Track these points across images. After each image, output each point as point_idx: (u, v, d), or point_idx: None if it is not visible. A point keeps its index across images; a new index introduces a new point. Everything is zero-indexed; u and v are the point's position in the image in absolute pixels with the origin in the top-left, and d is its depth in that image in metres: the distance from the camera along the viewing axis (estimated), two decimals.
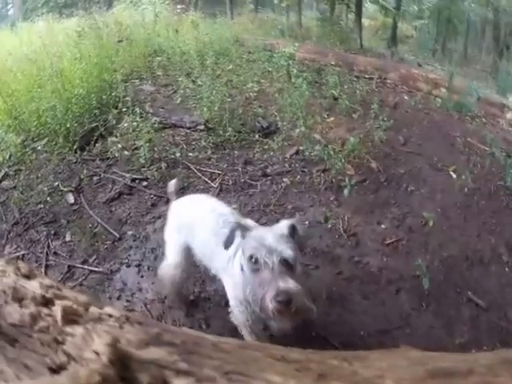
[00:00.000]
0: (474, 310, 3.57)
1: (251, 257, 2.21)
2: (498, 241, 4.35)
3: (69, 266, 3.88)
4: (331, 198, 4.60)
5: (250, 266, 2.22)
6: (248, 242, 2.31)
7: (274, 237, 2.27)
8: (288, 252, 2.18)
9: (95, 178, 5.03)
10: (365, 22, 14.55)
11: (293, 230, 2.34)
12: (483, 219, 4.68)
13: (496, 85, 11.64)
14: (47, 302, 1.12)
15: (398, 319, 3.37)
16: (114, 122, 5.77)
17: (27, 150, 5.45)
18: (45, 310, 1.09)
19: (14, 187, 4.95)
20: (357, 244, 4.02)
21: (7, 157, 5.40)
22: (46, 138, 5.52)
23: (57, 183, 4.94)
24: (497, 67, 15.21)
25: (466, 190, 4.99)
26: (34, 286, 1.19)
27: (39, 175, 5.04)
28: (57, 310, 1.09)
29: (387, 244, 4.11)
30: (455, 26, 19.01)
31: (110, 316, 1.11)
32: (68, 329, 1.03)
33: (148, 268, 3.77)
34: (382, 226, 4.34)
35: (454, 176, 5.29)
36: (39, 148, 5.49)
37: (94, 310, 1.13)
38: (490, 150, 5.96)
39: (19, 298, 1.13)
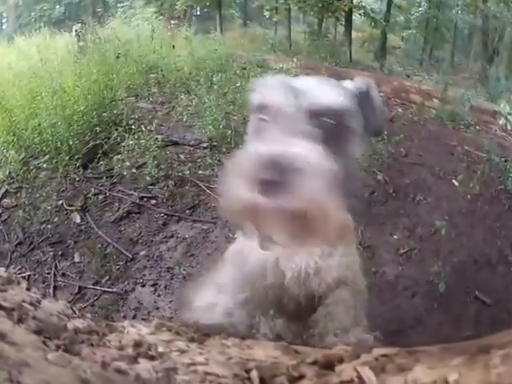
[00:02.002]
0: (480, 307, 3.70)
1: (259, 107, 1.39)
2: (504, 243, 4.47)
3: (79, 287, 3.85)
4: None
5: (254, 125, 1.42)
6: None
7: (314, 82, 1.39)
8: (337, 100, 1.32)
9: (101, 197, 4.96)
10: (352, 34, 14.66)
11: (366, 90, 1.50)
12: (488, 223, 4.79)
13: (486, 92, 11.76)
14: None
15: (412, 320, 3.45)
16: (119, 139, 5.72)
17: (28, 167, 5.38)
18: None
19: (16, 205, 4.86)
20: (373, 255, 4.08)
21: (7, 173, 5.32)
22: (48, 156, 5.46)
23: (61, 202, 4.86)
24: (485, 74, 15.36)
25: (468, 196, 5.08)
26: None
27: (42, 193, 4.93)
28: None
29: (401, 254, 4.20)
30: (442, 35, 19.21)
31: None
32: None
33: (165, 287, 3.75)
34: (395, 237, 4.40)
35: (457, 184, 5.36)
36: (41, 165, 5.43)
37: None
38: (487, 156, 6.09)
39: None
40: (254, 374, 0.89)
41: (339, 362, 0.92)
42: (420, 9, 19.22)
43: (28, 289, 1.20)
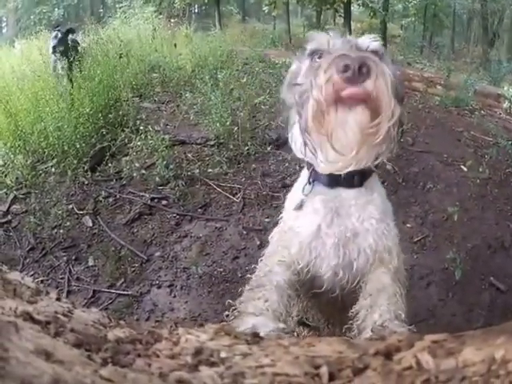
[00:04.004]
0: (494, 293, 3.74)
1: (313, 52, 1.63)
2: None
3: (94, 291, 3.87)
4: None
5: (310, 65, 1.62)
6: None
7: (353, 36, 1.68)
8: (378, 45, 1.64)
9: (111, 199, 4.94)
10: (351, 24, 14.61)
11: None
12: (499, 207, 4.84)
13: (489, 75, 11.74)
14: None
15: (426, 311, 3.45)
16: (126, 140, 5.71)
17: (36, 172, 5.33)
18: None
19: (26, 211, 4.83)
20: None
21: (14, 179, 5.29)
22: (55, 160, 5.42)
23: (71, 206, 4.83)
24: (487, 58, 15.31)
25: (478, 181, 5.06)
26: None
27: (52, 198, 4.91)
28: None
29: (415, 242, 4.23)
30: (441, 21, 19.17)
31: None
32: None
33: (181, 288, 3.76)
34: (408, 225, 4.42)
35: (465, 169, 5.37)
36: (49, 170, 5.38)
37: None
38: (494, 140, 6.15)
39: None
40: (324, 370, 0.91)
41: (396, 350, 0.96)
42: None
43: (58, 299, 1.18)
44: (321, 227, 1.79)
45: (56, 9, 20.67)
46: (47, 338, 0.89)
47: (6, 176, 5.32)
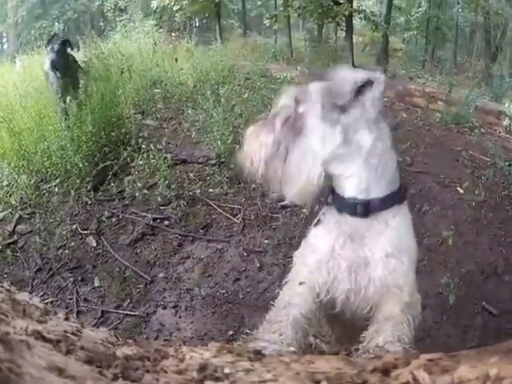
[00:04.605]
0: (487, 317, 3.87)
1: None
2: (509, 251, 4.65)
3: (102, 311, 3.99)
4: None
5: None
6: None
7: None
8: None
9: (114, 219, 5.02)
10: (353, 38, 14.72)
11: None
12: (493, 232, 4.94)
13: (490, 91, 11.80)
14: None
15: (421, 332, 3.58)
16: (128, 159, 5.75)
17: (40, 191, 5.40)
18: None
19: (31, 231, 4.90)
20: None
21: (19, 199, 5.33)
22: (58, 179, 5.47)
23: (75, 226, 4.91)
24: (489, 72, 15.39)
25: (473, 204, 5.20)
26: None
27: (56, 218, 5.00)
28: None
29: None
30: (444, 34, 19.26)
31: None
32: None
33: (186, 308, 3.89)
34: None
35: (462, 191, 5.49)
36: (52, 189, 5.44)
37: None
38: (491, 161, 6.25)
39: None
40: None
41: (394, 368, 1.10)
42: (420, 9, 19.29)
43: (66, 318, 1.31)
44: (334, 248, 1.89)
45: (56, 23, 20.75)
46: (59, 356, 0.99)
47: (10, 196, 5.38)
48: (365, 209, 1.85)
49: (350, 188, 1.85)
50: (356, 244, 1.87)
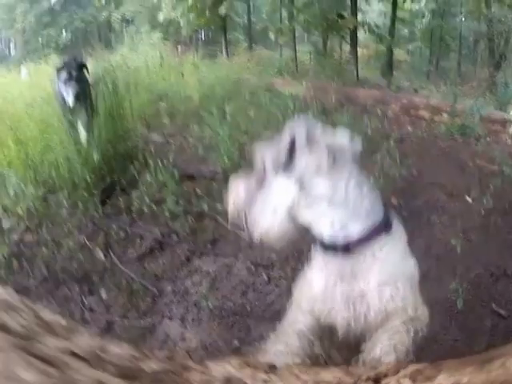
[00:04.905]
0: (496, 320, 3.82)
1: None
2: None
3: (107, 322, 3.94)
4: None
5: None
6: None
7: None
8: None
9: (121, 233, 4.98)
10: (358, 50, 14.78)
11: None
12: (502, 237, 4.93)
13: (495, 99, 11.82)
14: None
15: (430, 339, 3.58)
16: (136, 174, 5.76)
17: (47, 203, 5.35)
18: None
19: (37, 242, 4.84)
20: None
21: (25, 209, 5.24)
22: (66, 191, 5.39)
23: (82, 238, 4.85)
24: (493, 81, 15.41)
25: (482, 211, 5.23)
26: None
27: (64, 230, 4.95)
28: None
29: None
30: (448, 44, 19.32)
31: None
32: None
33: (192, 320, 3.87)
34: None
35: (470, 200, 5.52)
36: (59, 201, 5.34)
37: None
38: (499, 169, 6.32)
39: None
40: None
41: (384, 376, 1.25)
42: (423, 20, 19.37)
43: (89, 334, 1.39)
44: (327, 286, 1.95)
45: (64, 32, 20.94)
46: (97, 372, 1.05)
47: (16, 205, 5.31)
48: (345, 247, 1.88)
49: (325, 230, 1.89)
50: (347, 281, 1.92)
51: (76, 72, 5.98)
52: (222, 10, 14.77)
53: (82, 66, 6.27)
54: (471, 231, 4.95)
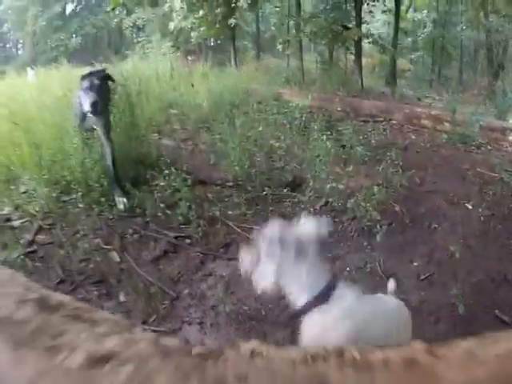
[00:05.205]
0: (499, 326, 3.83)
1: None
2: None
3: None
4: (364, 244, 4.83)
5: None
6: None
7: None
8: None
9: (136, 236, 4.96)
10: (362, 60, 14.85)
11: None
12: (501, 243, 5.00)
13: (495, 107, 11.85)
14: None
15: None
16: (149, 178, 5.80)
17: (60, 203, 5.33)
18: None
19: (51, 242, 4.78)
20: (397, 283, 4.17)
21: (37, 209, 5.21)
22: (80, 193, 5.28)
23: (97, 240, 4.84)
24: (492, 89, 15.44)
25: (481, 218, 5.29)
26: None
27: (78, 231, 4.91)
28: None
29: (422, 279, 4.42)
30: (449, 53, 19.37)
31: None
32: None
33: (211, 325, 3.90)
34: (415, 264, 4.62)
35: (470, 207, 5.61)
36: (73, 202, 5.35)
37: None
38: (499, 176, 6.39)
39: None
40: None
41: None
42: (425, 30, 19.44)
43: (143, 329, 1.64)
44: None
45: (74, 36, 21.00)
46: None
47: (29, 204, 5.31)
48: (293, 314, 2.36)
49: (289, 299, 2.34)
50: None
51: (99, 82, 5.70)
52: (232, 21, 14.87)
53: (106, 77, 6.07)
54: (471, 238, 5.02)
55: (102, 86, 5.71)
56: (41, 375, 1.35)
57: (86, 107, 5.42)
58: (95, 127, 5.78)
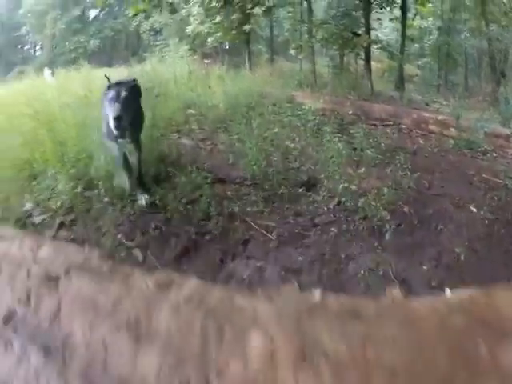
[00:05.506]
0: None
1: None
2: None
3: None
4: (375, 244, 4.89)
5: None
6: None
7: None
8: None
9: (157, 231, 4.99)
10: (372, 65, 14.91)
11: None
12: (505, 246, 5.03)
13: (499, 114, 11.87)
14: None
15: None
16: (170, 175, 5.86)
17: (83, 198, 5.32)
18: None
19: (74, 239, 4.77)
20: (409, 289, 4.23)
21: (59, 204, 5.23)
22: (102, 189, 5.34)
23: (119, 236, 4.84)
24: (496, 96, 15.44)
25: (486, 222, 5.35)
26: None
27: (101, 226, 4.94)
28: None
29: (433, 286, 4.40)
30: (455, 60, 19.34)
31: None
32: None
33: None
34: (424, 267, 4.65)
35: (475, 210, 5.65)
36: (95, 197, 5.32)
37: None
38: (503, 182, 6.42)
39: None
40: None
41: None
42: (431, 37, 19.45)
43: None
44: None
45: (92, 39, 21.08)
46: None
47: (49, 200, 5.36)
48: None
49: None
50: None
51: (125, 93, 5.10)
52: (248, 27, 14.97)
53: (134, 87, 5.50)
54: (476, 241, 5.07)
55: (129, 97, 5.14)
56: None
57: (110, 122, 4.91)
58: (123, 145, 5.48)
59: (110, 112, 4.89)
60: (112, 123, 4.86)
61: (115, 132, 4.92)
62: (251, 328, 1.42)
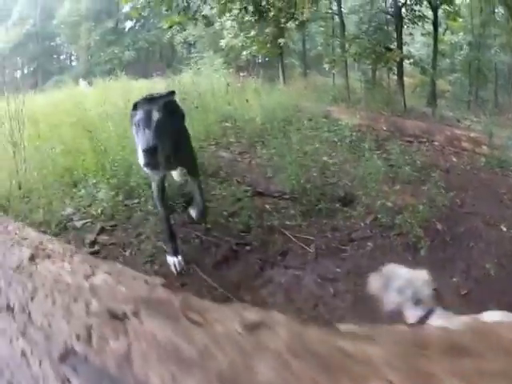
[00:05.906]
0: None
1: None
2: None
3: None
4: (409, 258, 5.04)
5: None
6: None
7: None
8: None
9: (197, 241, 5.15)
10: (404, 79, 14.98)
11: None
12: None
13: None
14: None
15: None
16: (210, 188, 5.99)
17: (124, 206, 5.50)
18: None
19: (114, 243, 4.94)
20: (439, 297, 4.18)
21: (99, 211, 5.39)
22: (143, 198, 5.53)
23: (159, 243, 4.92)
24: None
25: None
26: None
27: (141, 233, 5.10)
28: None
29: (463, 295, 4.62)
30: (485, 75, 19.27)
31: None
32: None
33: None
34: (454, 280, 4.83)
35: (504, 229, 5.80)
36: (135, 206, 5.51)
37: None
38: None
39: None
40: None
41: None
42: (462, 52, 19.41)
43: None
44: None
45: (127, 51, 21.38)
46: None
47: (90, 206, 5.54)
48: None
49: None
50: None
51: (160, 114, 3.86)
52: (282, 40, 15.17)
53: (171, 104, 4.33)
54: (504, 258, 5.21)
55: (165, 119, 3.89)
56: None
57: (139, 156, 3.75)
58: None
59: (139, 142, 3.77)
60: (142, 157, 3.70)
61: (145, 169, 3.89)
62: (370, 378, 1.23)
